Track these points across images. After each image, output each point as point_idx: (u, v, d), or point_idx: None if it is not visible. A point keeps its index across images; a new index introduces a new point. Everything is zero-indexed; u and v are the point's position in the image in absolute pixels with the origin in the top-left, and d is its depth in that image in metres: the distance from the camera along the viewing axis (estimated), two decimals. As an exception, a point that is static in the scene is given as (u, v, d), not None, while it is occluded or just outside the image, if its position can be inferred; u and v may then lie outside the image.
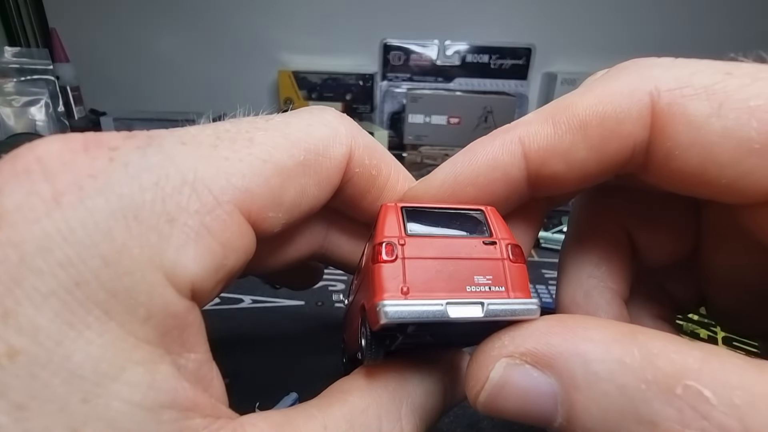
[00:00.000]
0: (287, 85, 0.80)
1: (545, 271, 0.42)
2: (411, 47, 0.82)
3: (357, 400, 0.13)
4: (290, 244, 0.17)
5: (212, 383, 0.12)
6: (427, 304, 0.11)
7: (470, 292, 0.12)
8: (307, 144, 0.13)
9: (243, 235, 0.12)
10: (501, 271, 0.12)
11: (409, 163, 0.70)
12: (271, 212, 0.13)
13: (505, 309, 0.12)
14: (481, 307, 0.12)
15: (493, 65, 0.82)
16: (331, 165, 0.14)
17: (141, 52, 0.89)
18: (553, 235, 0.46)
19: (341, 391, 0.14)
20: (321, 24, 0.84)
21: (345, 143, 0.14)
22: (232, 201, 0.12)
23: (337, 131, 0.14)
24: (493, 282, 0.12)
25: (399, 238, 0.12)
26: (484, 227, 0.13)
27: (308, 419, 0.12)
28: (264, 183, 0.12)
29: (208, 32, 0.87)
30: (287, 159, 0.13)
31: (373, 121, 0.83)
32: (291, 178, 0.13)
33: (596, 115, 0.13)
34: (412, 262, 0.12)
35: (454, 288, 0.12)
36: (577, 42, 0.82)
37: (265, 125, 0.13)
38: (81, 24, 0.86)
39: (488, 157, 0.14)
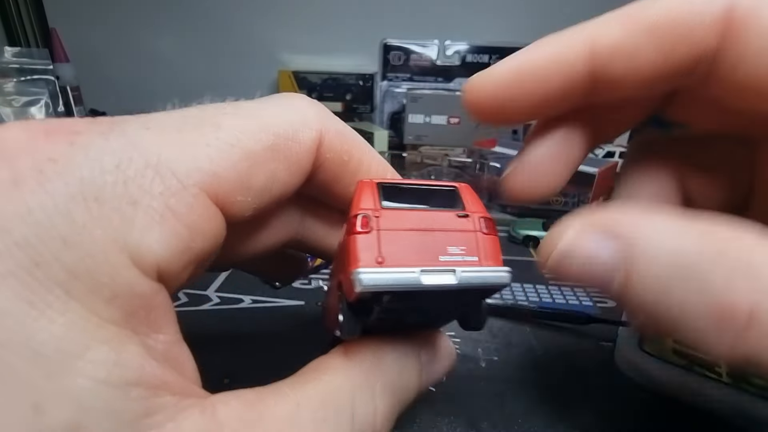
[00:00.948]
0: (287, 85, 0.80)
1: (545, 271, 0.42)
2: (411, 47, 0.82)
3: (331, 378, 0.13)
4: (265, 230, 0.17)
5: (183, 365, 0.12)
6: (401, 271, 0.12)
7: (444, 262, 0.12)
8: (276, 128, 0.13)
9: (210, 218, 0.12)
10: (474, 242, 0.13)
11: (409, 163, 0.70)
12: (239, 196, 0.13)
13: (477, 276, 0.12)
14: (454, 275, 0.12)
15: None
16: (301, 150, 0.14)
17: (141, 52, 0.89)
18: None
19: (316, 369, 0.14)
20: (321, 24, 0.84)
21: (315, 128, 0.14)
22: (198, 184, 0.12)
23: (307, 116, 0.14)
24: (466, 252, 0.13)
25: (374, 210, 0.12)
26: (457, 202, 0.14)
27: (281, 397, 0.12)
28: (232, 167, 0.12)
29: (208, 32, 0.87)
30: (255, 143, 0.13)
31: (373, 121, 0.83)
32: (260, 163, 0.13)
33: (668, 19, 0.13)
34: (386, 234, 0.12)
35: (427, 258, 0.12)
36: (577, 42, 0.82)
37: (233, 110, 0.13)
38: (81, 24, 0.86)
39: (555, 50, 0.14)
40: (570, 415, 0.26)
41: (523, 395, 0.27)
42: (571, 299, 0.38)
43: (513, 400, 0.27)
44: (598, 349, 0.31)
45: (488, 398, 0.27)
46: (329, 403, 0.13)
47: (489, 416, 0.25)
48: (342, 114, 0.81)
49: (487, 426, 0.25)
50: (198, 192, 0.12)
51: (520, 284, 0.40)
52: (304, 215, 0.18)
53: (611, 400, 0.27)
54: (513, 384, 0.28)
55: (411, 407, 0.16)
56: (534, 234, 0.47)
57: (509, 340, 0.32)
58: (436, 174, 0.62)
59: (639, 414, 0.26)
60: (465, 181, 0.15)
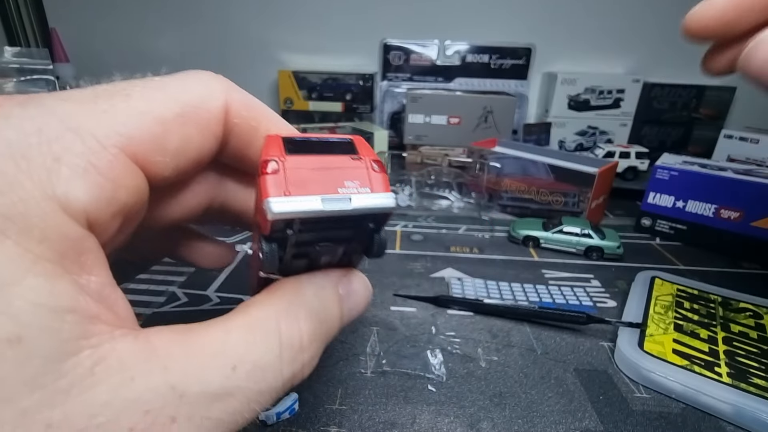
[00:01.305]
0: (287, 85, 0.80)
1: (545, 271, 0.42)
2: (411, 47, 0.82)
3: (256, 310, 0.15)
4: (188, 192, 0.19)
5: (116, 304, 0.13)
6: (305, 199, 0.14)
7: (341, 192, 0.14)
8: (183, 97, 0.15)
9: (131, 174, 0.13)
10: (366, 177, 0.15)
11: (409, 163, 0.70)
12: (157, 156, 0.14)
13: (367, 200, 0.15)
14: (350, 201, 0.14)
15: (493, 65, 0.82)
16: (210, 116, 0.15)
17: (141, 52, 0.89)
18: (553, 235, 0.46)
19: (242, 306, 0.15)
20: (321, 24, 0.84)
21: (220, 97, 0.16)
22: (116, 145, 0.13)
23: (212, 86, 0.16)
24: (360, 185, 0.15)
25: (280, 156, 0.14)
26: (353, 149, 0.16)
27: (210, 326, 0.14)
28: (146, 131, 0.14)
29: (208, 32, 0.87)
30: (165, 110, 0.14)
31: (373, 121, 0.83)
32: (172, 128, 0.14)
33: None
34: (291, 172, 0.14)
35: (328, 189, 0.14)
36: (577, 42, 0.82)
37: (142, 83, 0.14)
38: (81, 24, 0.86)
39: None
40: (570, 415, 0.26)
41: (522, 395, 0.27)
42: (571, 299, 0.38)
43: (513, 400, 0.27)
44: (598, 349, 0.31)
45: (488, 398, 0.27)
46: (256, 327, 0.14)
47: (489, 416, 0.25)
48: (342, 114, 0.81)
49: (487, 426, 0.25)
50: (117, 152, 0.13)
51: (520, 284, 0.40)
52: (223, 180, 0.20)
53: (611, 400, 0.27)
54: (513, 384, 0.28)
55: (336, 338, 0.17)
56: (534, 234, 0.47)
57: (509, 340, 0.32)
58: (436, 174, 0.62)
59: (639, 414, 0.26)
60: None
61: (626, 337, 0.31)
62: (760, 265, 0.45)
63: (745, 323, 0.33)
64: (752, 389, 0.26)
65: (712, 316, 0.34)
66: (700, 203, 0.48)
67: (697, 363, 0.28)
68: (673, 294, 0.36)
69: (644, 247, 0.49)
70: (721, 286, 0.38)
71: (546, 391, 0.27)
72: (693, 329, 0.32)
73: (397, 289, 0.38)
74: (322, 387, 0.27)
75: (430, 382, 0.28)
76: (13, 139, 0.11)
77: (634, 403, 0.27)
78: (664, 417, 0.26)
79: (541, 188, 0.54)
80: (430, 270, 0.42)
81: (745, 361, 0.29)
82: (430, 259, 0.44)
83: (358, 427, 0.24)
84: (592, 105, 0.80)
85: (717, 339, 0.31)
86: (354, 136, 0.16)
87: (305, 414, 0.25)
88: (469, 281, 0.40)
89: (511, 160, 0.57)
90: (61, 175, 0.12)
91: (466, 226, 0.52)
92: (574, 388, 0.28)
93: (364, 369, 0.29)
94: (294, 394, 0.26)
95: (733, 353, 0.29)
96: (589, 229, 0.46)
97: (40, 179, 0.11)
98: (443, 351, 0.31)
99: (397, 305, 0.36)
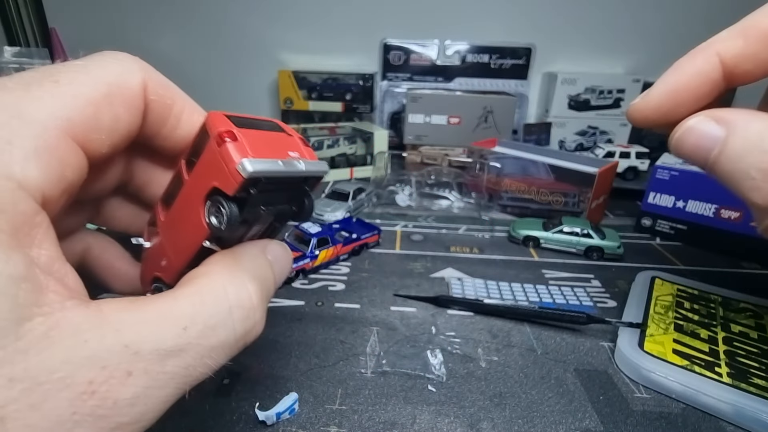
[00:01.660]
0: (287, 85, 0.80)
1: (545, 271, 0.42)
2: (411, 47, 0.82)
3: (202, 279, 0.16)
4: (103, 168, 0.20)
5: (66, 276, 0.14)
6: (271, 160, 0.16)
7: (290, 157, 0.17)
8: (107, 78, 0.16)
9: (75, 153, 0.15)
10: (302, 149, 0.18)
11: (409, 162, 0.70)
12: (94, 134, 0.15)
13: (311, 165, 0.18)
14: (301, 164, 0.17)
15: (493, 65, 0.82)
16: (132, 93, 0.17)
17: (141, 52, 0.88)
18: (553, 235, 0.46)
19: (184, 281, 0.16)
20: (321, 24, 0.84)
21: (139, 74, 0.17)
22: (58, 127, 0.14)
23: (130, 66, 0.17)
24: (299, 155, 0.18)
25: (232, 128, 0.16)
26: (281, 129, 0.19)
27: (159, 297, 0.15)
28: (80, 112, 0.15)
29: (208, 32, 0.87)
30: (93, 92, 0.15)
31: (373, 121, 0.83)
32: (102, 107, 0.16)
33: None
34: (248, 141, 0.16)
35: (280, 155, 0.17)
36: (577, 42, 0.82)
37: (65, 68, 0.16)
38: (81, 24, 0.86)
39: (695, 70, 0.20)
40: (570, 415, 0.26)
41: (522, 395, 0.27)
42: (571, 299, 0.38)
43: (513, 400, 0.27)
44: (598, 349, 0.31)
45: (488, 398, 0.27)
46: (205, 293, 0.15)
47: (489, 416, 0.25)
48: (342, 114, 0.81)
49: (487, 426, 0.25)
50: (60, 133, 0.14)
51: (520, 284, 0.40)
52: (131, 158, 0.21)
53: (611, 400, 0.27)
54: (513, 384, 0.28)
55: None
56: (534, 234, 0.47)
57: (509, 340, 0.32)
58: (436, 174, 0.62)
59: (639, 414, 0.26)
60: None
61: (626, 337, 0.31)
62: (760, 265, 0.45)
63: (746, 323, 0.33)
64: (752, 389, 0.26)
65: (713, 316, 0.34)
66: (700, 203, 0.48)
67: (698, 363, 0.28)
68: (674, 294, 0.36)
69: (644, 247, 0.49)
70: (721, 286, 0.38)
71: (546, 391, 0.27)
72: (693, 329, 0.32)
73: (397, 289, 0.38)
74: (322, 387, 0.27)
75: (430, 382, 0.28)
76: None
77: (634, 403, 0.27)
78: (664, 417, 0.26)
79: (541, 188, 0.54)
80: (430, 270, 0.42)
81: (745, 361, 0.29)
82: (430, 259, 0.44)
83: (358, 427, 0.24)
84: (593, 105, 0.80)
85: (717, 339, 0.31)
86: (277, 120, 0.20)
87: (305, 414, 0.25)
88: (469, 281, 0.40)
89: (511, 160, 0.57)
90: (15, 156, 0.13)
91: (466, 226, 0.52)
92: (574, 388, 0.28)
93: (364, 369, 0.29)
94: (294, 394, 0.26)
95: (734, 353, 0.29)
96: (589, 229, 0.46)
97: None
98: (443, 351, 0.31)
99: (397, 305, 0.36)
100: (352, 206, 0.54)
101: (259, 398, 0.26)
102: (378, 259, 0.44)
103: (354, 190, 0.55)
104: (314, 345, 0.31)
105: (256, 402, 0.25)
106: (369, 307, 0.36)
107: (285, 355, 0.30)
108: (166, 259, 0.20)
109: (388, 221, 0.53)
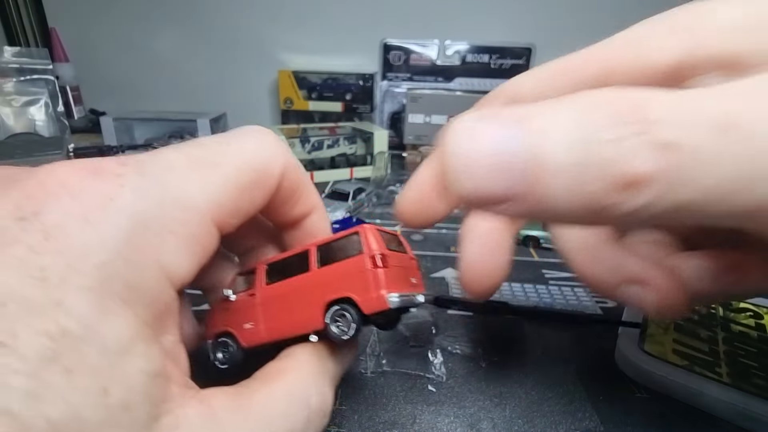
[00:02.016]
0: (287, 85, 0.80)
1: (545, 271, 0.42)
2: (411, 47, 0.82)
3: (292, 377, 0.17)
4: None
5: (181, 360, 0.15)
6: (408, 295, 0.18)
7: (412, 286, 0.20)
8: (256, 165, 0.17)
9: (213, 237, 0.16)
10: (418, 273, 0.21)
11: (409, 162, 0.70)
12: (233, 219, 0.16)
13: (421, 297, 0.20)
14: (422, 297, 0.20)
15: (493, 65, 0.82)
16: (272, 180, 0.18)
17: (141, 52, 0.89)
18: (553, 235, 0.46)
19: (277, 371, 0.17)
20: (321, 24, 0.84)
21: (281, 162, 0.18)
22: (208, 213, 0.15)
23: (275, 151, 0.18)
24: (417, 279, 0.21)
25: (386, 252, 0.18)
26: (403, 245, 0.21)
27: (255, 391, 0.16)
28: (229, 198, 0.16)
29: (208, 32, 0.87)
30: (244, 177, 0.16)
31: (373, 121, 0.83)
32: (246, 192, 0.17)
33: None
34: (391, 269, 0.18)
35: (405, 285, 0.19)
36: (577, 42, 0.81)
37: (225, 150, 0.17)
38: (81, 24, 0.86)
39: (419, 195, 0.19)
40: (570, 415, 0.26)
41: (523, 395, 0.27)
42: (571, 299, 0.38)
43: (513, 400, 0.27)
44: (598, 349, 0.31)
45: (488, 398, 0.27)
46: (293, 395, 0.16)
47: (489, 416, 0.25)
48: (342, 114, 0.81)
49: (487, 426, 0.25)
50: (209, 220, 0.15)
51: (521, 284, 0.40)
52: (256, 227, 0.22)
53: (611, 400, 0.27)
54: (513, 384, 0.28)
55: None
56: (534, 234, 0.47)
57: (509, 340, 0.32)
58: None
59: (639, 414, 0.26)
60: None
61: (626, 337, 0.31)
62: (760, 265, 0.45)
63: (746, 323, 0.33)
64: (753, 389, 0.26)
65: (713, 316, 0.34)
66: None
67: (698, 363, 0.28)
68: (673, 294, 0.36)
69: (644, 247, 0.49)
70: (721, 286, 0.37)
71: (546, 391, 0.27)
72: (693, 329, 0.32)
73: (397, 289, 0.38)
74: (322, 387, 0.27)
75: (430, 382, 0.28)
76: (138, 211, 0.13)
77: (635, 404, 0.27)
78: (665, 417, 0.26)
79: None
80: (430, 270, 0.42)
81: (746, 361, 0.29)
82: (430, 259, 0.44)
83: (358, 427, 0.24)
84: (592, 105, 0.80)
85: (717, 339, 0.31)
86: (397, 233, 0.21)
87: (305, 414, 0.25)
88: (469, 281, 0.40)
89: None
90: (170, 246, 0.14)
91: (466, 226, 0.52)
92: (574, 388, 0.28)
93: (364, 369, 0.29)
94: (294, 394, 0.26)
95: (734, 353, 0.29)
96: (589, 229, 0.46)
97: (155, 250, 0.13)
98: (443, 351, 0.31)
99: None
100: (352, 206, 0.54)
101: (259, 398, 0.26)
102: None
103: (354, 190, 0.55)
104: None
105: (256, 402, 0.25)
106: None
107: (285, 355, 0.30)
108: (252, 324, 0.20)
109: (388, 221, 0.53)
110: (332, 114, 0.81)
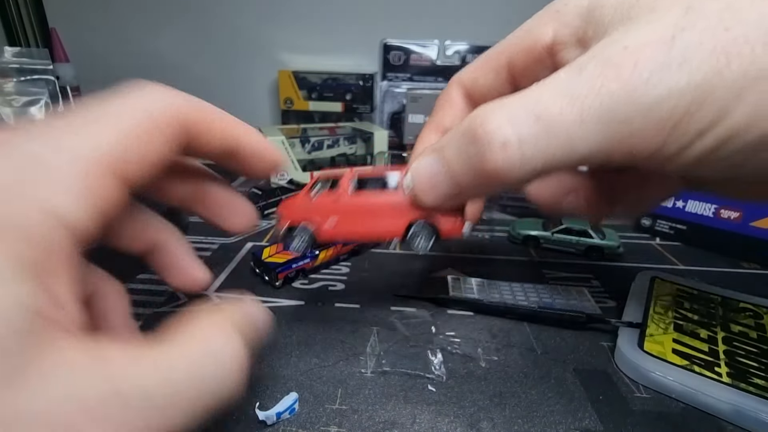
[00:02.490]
0: (287, 85, 0.80)
1: (545, 271, 0.43)
2: (411, 47, 0.82)
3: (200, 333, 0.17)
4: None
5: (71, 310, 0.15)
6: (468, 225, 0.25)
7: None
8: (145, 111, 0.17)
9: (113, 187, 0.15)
10: None
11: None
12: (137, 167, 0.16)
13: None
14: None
15: (493, 65, 0.82)
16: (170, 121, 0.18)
17: (141, 52, 0.89)
18: (553, 236, 0.46)
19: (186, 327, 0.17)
20: (321, 24, 0.84)
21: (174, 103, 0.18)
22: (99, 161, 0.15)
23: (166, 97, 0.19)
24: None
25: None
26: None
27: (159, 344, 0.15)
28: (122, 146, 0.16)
29: (208, 32, 0.87)
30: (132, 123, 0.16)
31: (373, 121, 0.83)
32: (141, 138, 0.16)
33: None
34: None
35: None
36: (577, 42, 0.81)
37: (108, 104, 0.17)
38: (81, 24, 0.86)
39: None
40: (570, 415, 0.26)
41: (523, 395, 0.27)
42: (571, 299, 0.38)
43: (513, 400, 0.27)
44: (598, 349, 0.32)
45: (488, 398, 0.27)
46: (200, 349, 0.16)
47: (489, 416, 0.25)
48: (342, 114, 0.81)
49: (487, 426, 0.25)
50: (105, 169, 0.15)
51: (520, 284, 0.40)
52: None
53: (611, 400, 0.27)
54: (513, 384, 0.28)
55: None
56: (534, 234, 0.47)
57: (509, 340, 0.32)
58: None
59: (639, 414, 0.26)
60: None
61: (626, 337, 0.31)
62: (760, 265, 0.45)
63: (745, 323, 0.33)
64: (752, 389, 0.26)
65: (712, 316, 0.34)
66: (699, 203, 0.48)
67: (697, 363, 0.28)
68: (673, 294, 0.36)
69: (644, 247, 0.49)
70: (721, 286, 0.38)
71: (546, 391, 0.27)
72: (693, 329, 0.32)
73: (397, 289, 0.38)
74: (322, 387, 0.27)
75: (430, 382, 0.28)
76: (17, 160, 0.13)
77: (634, 403, 0.27)
78: (664, 417, 0.26)
79: (541, 188, 0.54)
80: (430, 270, 0.42)
81: (745, 361, 0.29)
82: (430, 259, 0.44)
83: (358, 427, 0.24)
84: (592, 105, 0.79)
85: (717, 339, 0.31)
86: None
87: (305, 414, 0.25)
88: (469, 281, 0.40)
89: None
90: (58, 187, 0.14)
91: (466, 226, 0.52)
92: (574, 388, 0.28)
93: (364, 369, 0.29)
94: (294, 394, 0.26)
95: (733, 353, 0.29)
96: (589, 229, 0.46)
97: (41, 188, 0.13)
98: (443, 351, 0.31)
99: (397, 305, 0.36)
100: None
101: (259, 398, 0.26)
102: (378, 259, 0.44)
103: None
104: (314, 345, 0.31)
105: (256, 402, 0.25)
106: (369, 307, 0.36)
107: (285, 355, 0.30)
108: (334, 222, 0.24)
109: (388, 221, 0.53)
110: (332, 114, 0.81)
